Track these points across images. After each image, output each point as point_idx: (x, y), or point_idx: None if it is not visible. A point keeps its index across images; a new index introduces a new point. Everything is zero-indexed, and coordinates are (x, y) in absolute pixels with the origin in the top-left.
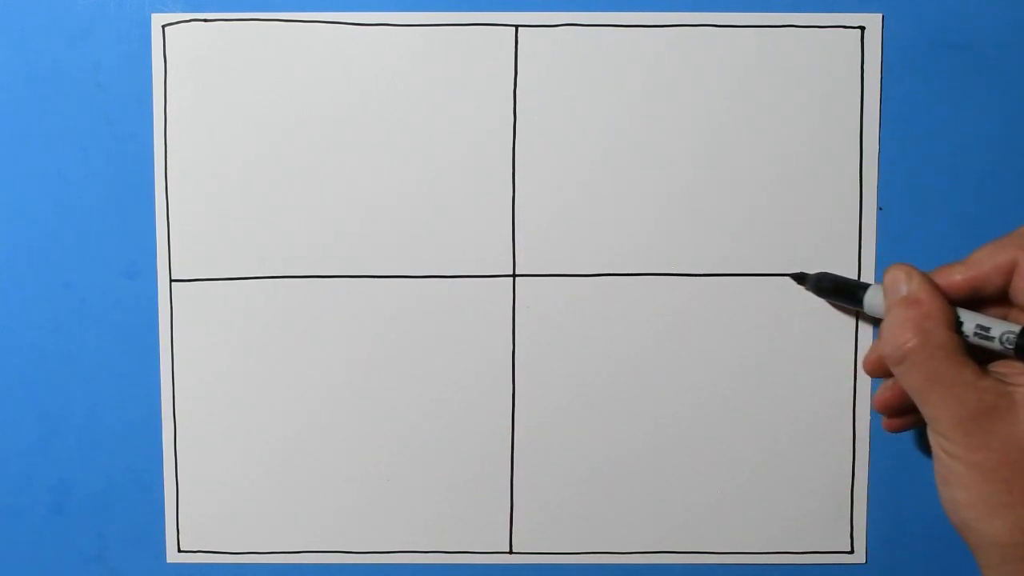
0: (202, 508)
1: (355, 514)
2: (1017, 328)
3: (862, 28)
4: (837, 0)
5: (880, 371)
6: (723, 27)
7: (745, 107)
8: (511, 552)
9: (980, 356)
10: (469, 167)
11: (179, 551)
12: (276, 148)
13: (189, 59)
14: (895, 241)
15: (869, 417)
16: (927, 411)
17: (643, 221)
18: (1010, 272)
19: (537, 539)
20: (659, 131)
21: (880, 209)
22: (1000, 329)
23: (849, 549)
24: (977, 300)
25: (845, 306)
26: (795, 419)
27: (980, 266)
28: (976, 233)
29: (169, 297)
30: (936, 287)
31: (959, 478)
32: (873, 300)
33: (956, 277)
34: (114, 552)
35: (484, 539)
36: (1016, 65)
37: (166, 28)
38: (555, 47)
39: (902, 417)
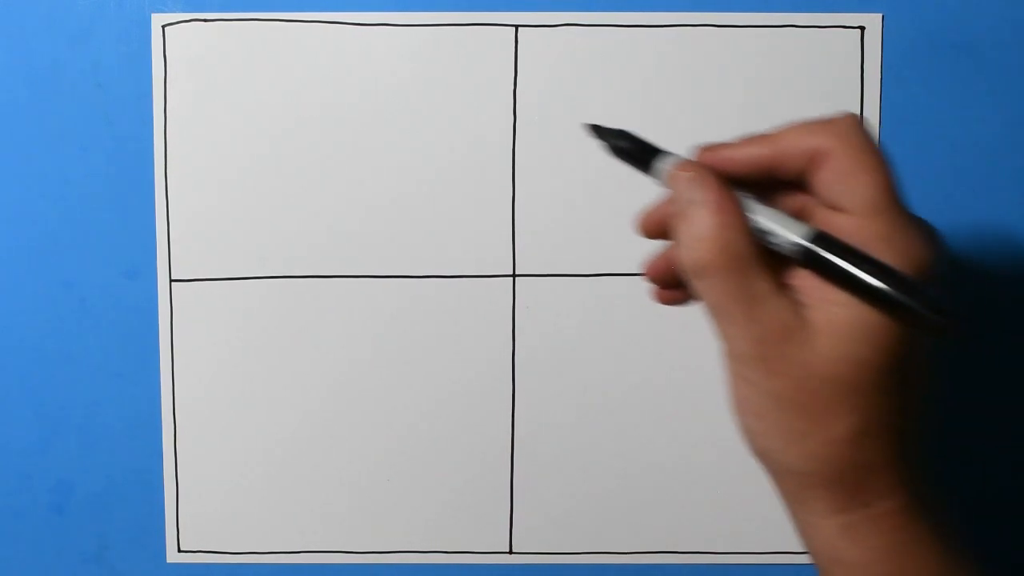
0: (202, 508)
1: (355, 514)
2: (802, 237)
3: (862, 28)
4: (837, 0)
5: (661, 272)
6: (723, 27)
7: (745, 107)
8: (511, 552)
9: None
10: (469, 167)
11: (179, 551)
12: (276, 148)
13: (189, 59)
14: None
15: None
16: (724, 329)
17: None
18: (816, 160)
19: (537, 539)
20: (659, 131)
21: None
22: (786, 236)
23: None
24: (773, 180)
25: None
26: None
27: (787, 146)
28: (976, 233)
29: (169, 297)
30: (729, 189)
31: (755, 406)
32: (663, 176)
33: (755, 151)
34: (114, 552)
35: (484, 539)
36: (1016, 65)
37: (166, 28)
38: (555, 47)
39: (678, 290)
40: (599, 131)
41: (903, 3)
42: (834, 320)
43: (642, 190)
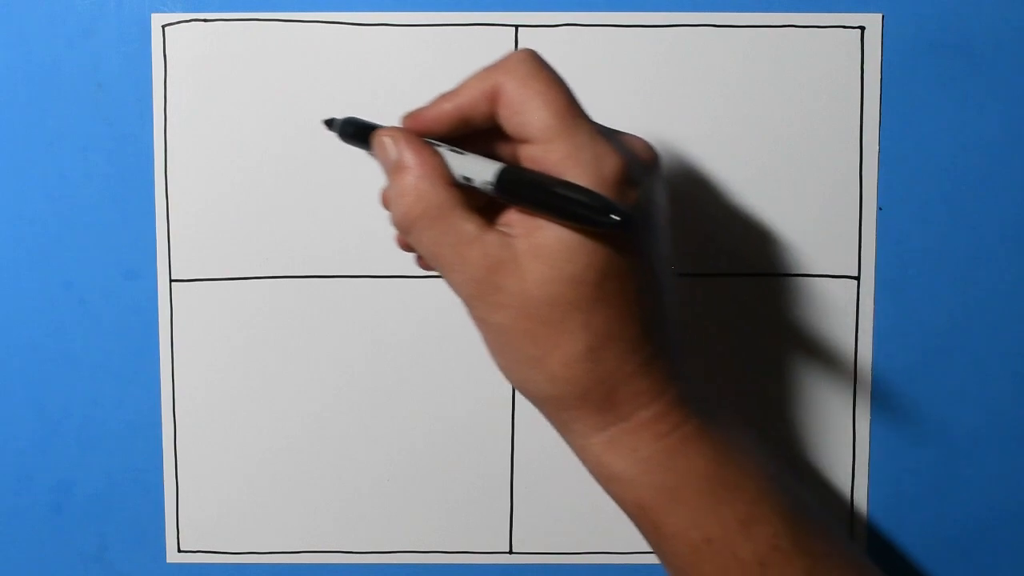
0: (202, 508)
1: (355, 514)
2: (492, 174)
3: (862, 28)
4: (837, 0)
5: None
6: (723, 27)
7: (745, 107)
8: (511, 552)
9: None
10: None
11: (179, 551)
12: (276, 148)
13: (189, 59)
14: (895, 241)
15: (869, 417)
16: (446, 277)
17: None
18: (494, 100)
19: (537, 539)
20: (659, 131)
21: (880, 209)
22: (481, 177)
23: None
24: (474, 132)
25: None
26: (795, 420)
27: (467, 94)
28: (976, 233)
29: (169, 297)
30: (423, 143)
31: (493, 342)
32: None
33: (446, 107)
34: (114, 552)
35: (484, 539)
36: (1016, 65)
37: (166, 28)
38: (555, 47)
39: None
40: (330, 124)
41: (903, 3)
42: (539, 245)
43: None
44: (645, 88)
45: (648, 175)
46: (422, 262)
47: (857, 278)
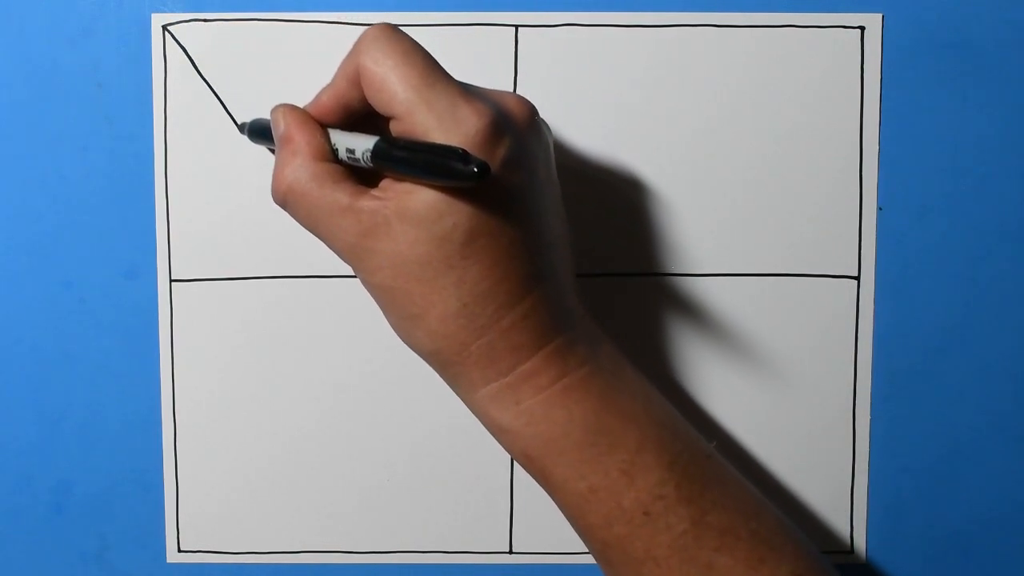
0: (202, 508)
1: (355, 514)
2: (371, 144)
3: (862, 28)
4: (837, 0)
5: None
6: (723, 27)
7: (745, 107)
8: (511, 552)
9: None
10: None
11: (179, 551)
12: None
13: (189, 59)
14: (895, 241)
15: (869, 417)
16: (327, 245)
17: (642, 221)
18: (359, 82)
19: (537, 539)
20: (658, 131)
21: (880, 209)
22: (361, 149)
23: (849, 549)
24: (363, 118)
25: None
26: (795, 419)
27: (337, 83)
28: (976, 233)
29: (169, 297)
30: (309, 120)
31: (378, 302)
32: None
33: (323, 99)
34: (114, 552)
35: (484, 539)
36: (1016, 65)
37: (166, 28)
38: (555, 47)
39: None
40: (240, 128)
41: (903, 3)
42: (408, 208)
43: (640, 191)
44: (645, 88)
45: (518, 128)
46: None
47: (857, 278)
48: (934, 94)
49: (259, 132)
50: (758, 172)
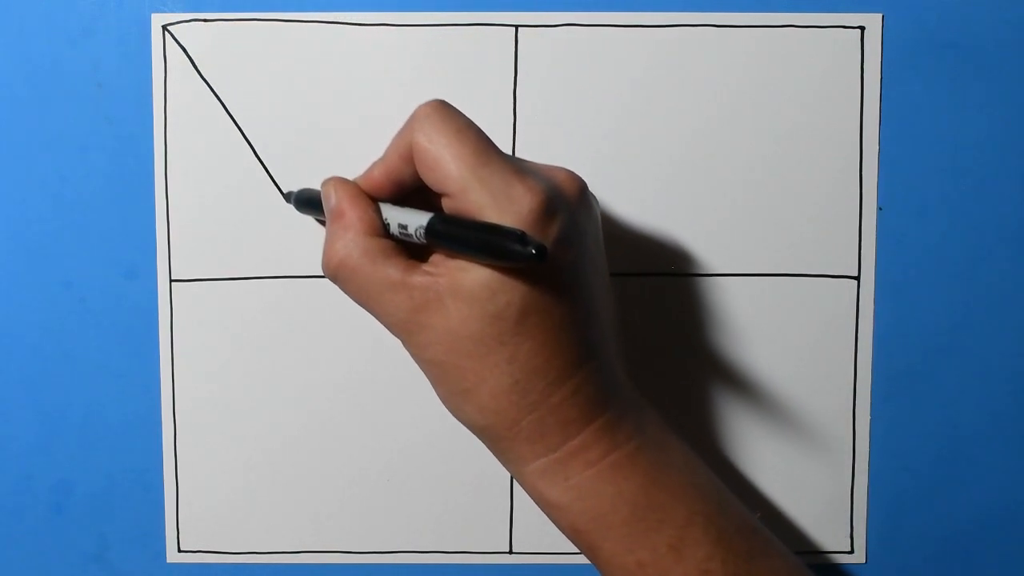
0: (202, 508)
1: (355, 514)
2: (425, 221)
3: (862, 28)
4: (837, 0)
5: None
6: (723, 27)
7: (745, 107)
8: (511, 552)
9: (426, 251)
10: None
11: (179, 551)
12: (276, 148)
13: (189, 59)
14: (895, 241)
15: (869, 417)
16: (378, 319)
17: (642, 221)
18: (412, 159)
19: (537, 539)
20: (658, 131)
21: (880, 209)
22: (414, 224)
23: (849, 549)
24: (414, 192)
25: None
26: (795, 419)
27: (390, 159)
28: (976, 233)
29: (169, 297)
30: (360, 194)
31: (428, 376)
32: None
33: (375, 174)
34: (114, 552)
35: (484, 539)
36: (1016, 65)
37: (166, 28)
38: (555, 47)
39: None
40: (286, 197)
41: (903, 3)
42: (461, 285)
43: (641, 190)
44: (645, 88)
45: (571, 205)
46: None
47: (857, 278)
48: (934, 94)
49: (307, 202)
50: (758, 172)
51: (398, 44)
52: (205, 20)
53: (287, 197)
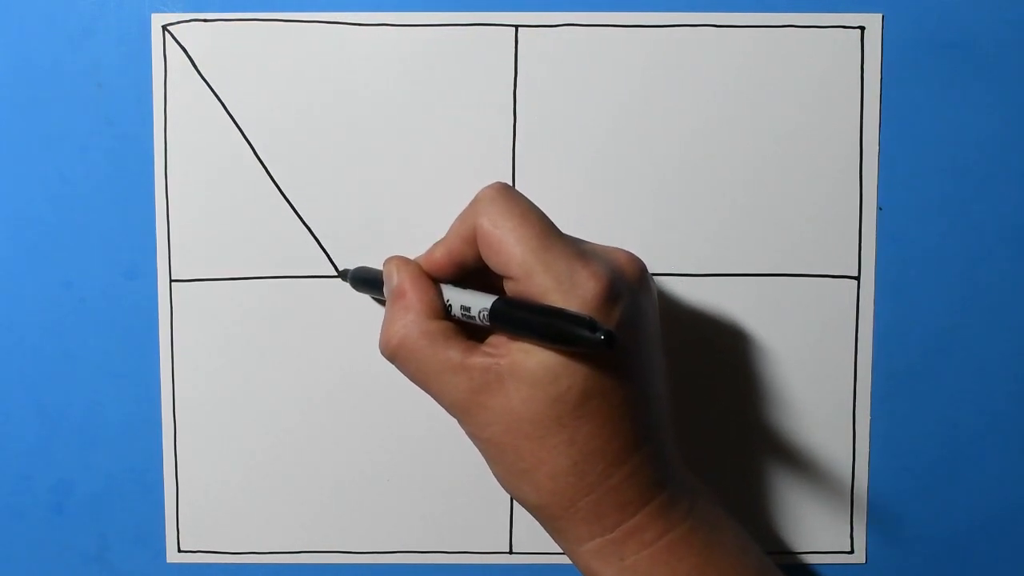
0: (202, 508)
1: (355, 514)
2: (489, 304)
3: (862, 28)
4: (837, 0)
5: None
6: (723, 27)
7: (745, 107)
8: (511, 552)
9: (484, 331)
10: (469, 167)
11: (179, 551)
12: (276, 148)
13: (189, 59)
14: (895, 241)
15: (869, 417)
16: (435, 398)
17: (642, 221)
18: (476, 241)
19: (537, 539)
20: (659, 131)
21: (880, 209)
22: (477, 307)
23: (849, 549)
24: (473, 272)
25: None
26: (795, 420)
27: (451, 241)
28: (976, 233)
29: (169, 297)
30: (422, 275)
31: (485, 455)
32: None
33: (436, 255)
34: (114, 552)
35: (484, 539)
36: (1016, 65)
37: (166, 28)
38: (555, 47)
39: None
40: (342, 275)
41: (903, 3)
42: (522, 367)
43: (642, 190)
44: (645, 88)
45: (632, 288)
46: None
47: (857, 278)
48: (934, 94)
49: (364, 281)
50: (758, 172)
51: (398, 44)
52: (205, 20)
53: (343, 275)
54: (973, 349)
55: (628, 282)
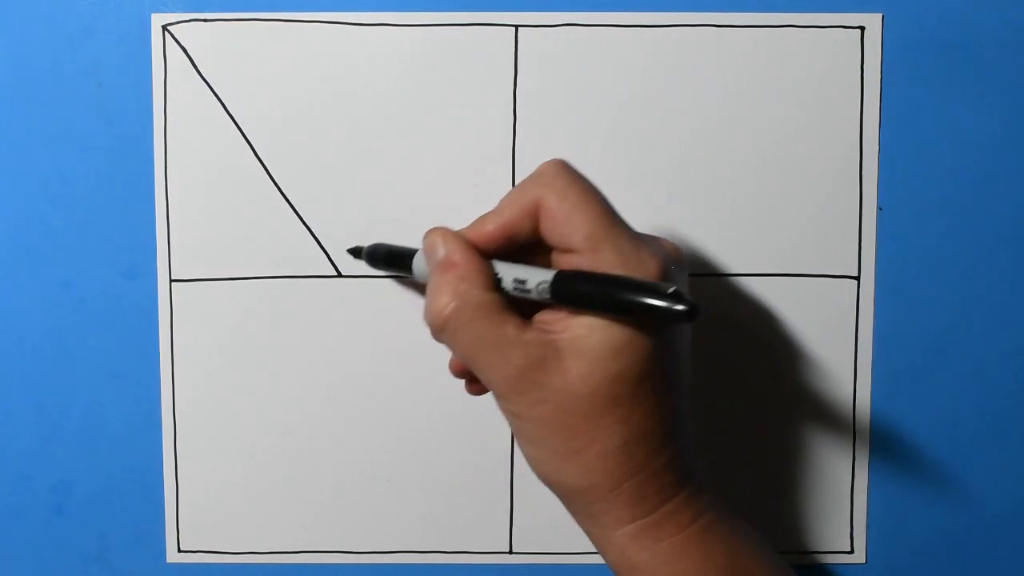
0: (202, 508)
1: (355, 514)
2: (549, 276)
3: (862, 28)
4: (837, 0)
5: (460, 368)
6: (723, 27)
7: (745, 107)
8: (511, 552)
9: (530, 307)
10: (469, 167)
11: (179, 551)
12: (276, 148)
13: (189, 59)
14: (895, 241)
15: (869, 417)
16: (480, 375)
17: (642, 221)
18: (536, 213)
19: (537, 539)
20: (658, 131)
21: (880, 209)
22: (535, 280)
23: (849, 549)
24: (518, 248)
25: (405, 277)
26: (795, 420)
27: (509, 212)
28: (976, 233)
29: (169, 297)
30: (471, 247)
31: (528, 435)
32: (420, 266)
33: (489, 227)
34: (114, 552)
35: (484, 539)
36: (1016, 65)
37: (166, 28)
38: (555, 47)
39: (478, 383)
40: (354, 253)
41: (903, 3)
42: (582, 343)
43: (641, 190)
44: (645, 88)
45: (682, 272)
46: (473, 388)
47: (857, 278)
48: (934, 94)
49: (386, 257)
50: (758, 172)
51: (398, 44)
52: (205, 20)
53: (355, 253)
54: (973, 349)
55: (679, 267)
